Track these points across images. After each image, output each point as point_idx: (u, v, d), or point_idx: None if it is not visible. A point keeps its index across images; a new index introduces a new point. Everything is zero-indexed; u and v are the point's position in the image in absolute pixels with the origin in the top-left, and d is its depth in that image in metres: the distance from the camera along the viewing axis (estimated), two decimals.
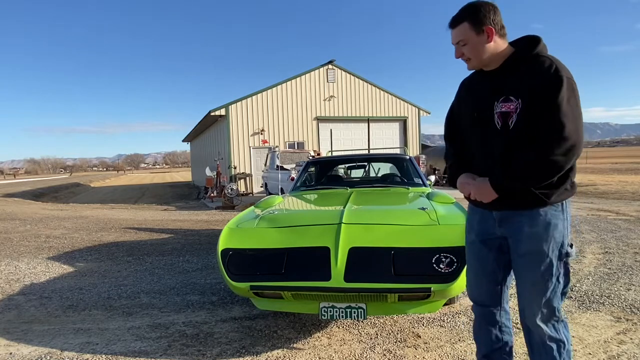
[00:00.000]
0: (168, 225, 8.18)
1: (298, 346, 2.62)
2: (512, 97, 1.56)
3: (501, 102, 1.58)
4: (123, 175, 79.03)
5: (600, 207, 8.56)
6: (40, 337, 2.89)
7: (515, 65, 1.60)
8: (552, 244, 1.58)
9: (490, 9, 1.59)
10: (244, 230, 2.85)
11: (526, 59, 1.58)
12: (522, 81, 1.55)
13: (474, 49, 1.62)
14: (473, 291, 1.87)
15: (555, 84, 1.47)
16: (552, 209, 1.59)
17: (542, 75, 1.51)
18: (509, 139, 1.58)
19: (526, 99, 1.53)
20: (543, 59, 1.54)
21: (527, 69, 1.56)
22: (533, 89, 1.51)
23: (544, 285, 1.59)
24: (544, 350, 1.64)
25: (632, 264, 4.20)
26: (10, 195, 20.06)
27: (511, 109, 1.56)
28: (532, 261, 1.60)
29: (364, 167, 5.97)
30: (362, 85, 18.86)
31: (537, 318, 1.62)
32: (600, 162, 34.08)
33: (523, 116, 1.54)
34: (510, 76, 1.60)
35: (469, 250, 1.85)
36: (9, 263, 5.16)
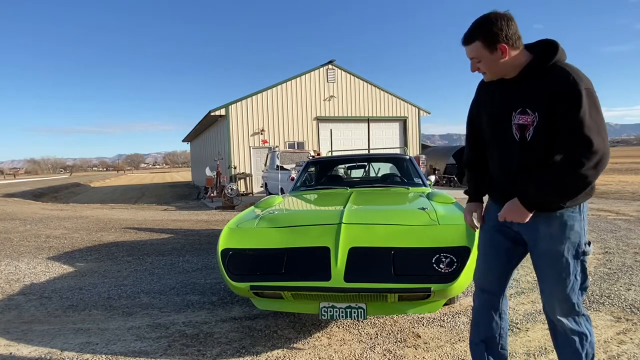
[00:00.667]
0: (168, 225, 8.18)
1: (298, 346, 2.62)
2: (529, 110, 1.56)
3: (518, 114, 1.59)
4: (123, 175, 79.04)
5: (600, 207, 8.56)
6: (40, 337, 2.89)
7: (532, 75, 1.58)
8: (567, 244, 1.62)
9: (503, 24, 1.55)
10: (244, 230, 2.85)
11: (543, 68, 1.56)
12: (539, 94, 1.54)
13: (488, 65, 1.62)
14: (481, 277, 1.92)
15: (575, 99, 1.45)
16: (569, 211, 1.62)
17: (560, 89, 1.49)
18: (526, 151, 1.60)
19: (543, 113, 1.53)
20: (560, 70, 1.52)
21: (545, 80, 1.54)
22: (551, 103, 1.50)
23: (562, 283, 1.64)
24: (567, 343, 1.71)
25: (632, 264, 4.20)
26: (10, 195, 20.06)
27: (528, 122, 1.57)
28: (550, 260, 1.66)
29: (364, 167, 5.97)
30: (362, 85, 18.87)
31: (557, 313, 1.69)
32: None
33: (540, 130, 1.55)
34: (528, 87, 1.59)
35: (483, 237, 1.89)
36: (9, 263, 5.16)
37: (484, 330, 1.91)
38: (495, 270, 1.85)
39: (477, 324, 1.94)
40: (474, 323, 1.96)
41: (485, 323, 1.90)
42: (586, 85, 1.47)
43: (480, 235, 1.93)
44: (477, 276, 1.95)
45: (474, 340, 1.95)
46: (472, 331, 1.96)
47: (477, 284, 1.95)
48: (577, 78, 1.48)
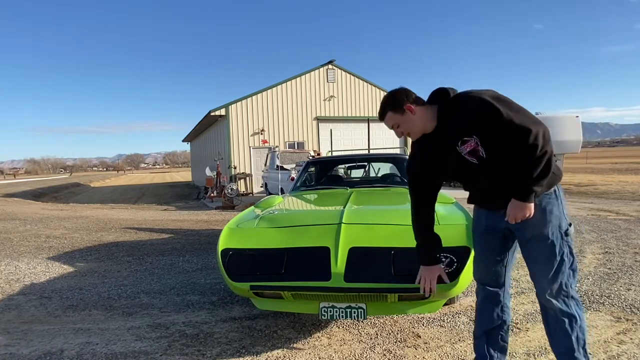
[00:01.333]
0: (168, 225, 8.18)
1: (298, 346, 2.62)
2: (467, 137, 1.75)
3: (462, 146, 1.78)
4: (123, 175, 79.05)
5: (600, 207, 8.56)
6: (40, 337, 2.89)
7: (447, 116, 1.80)
8: (550, 227, 1.78)
9: (402, 92, 1.87)
10: (244, 230, 2.85)
11: (450, 106, 1.80)
12: (462, 122, 1.75)
13: (406, 125, 1.87)
14: (481, 273, 2.04)
15: (491, 109, 1.66)
16: (547, 197, 1.79)
17: (476, 109, 1.70)
18: (490, 166, 1.77)
19: (478, 132, 1.72)
20: (464, 97, 1.77)
21: (459, 112, 1.76)
22: (478, 122, 1.71)
23: (549, 264, 1.79)
24: (558, 326, 1.82)
25: (632, 264, 4.20)
26: (10, 195, 20.06)
27: (473, 146, 1.75)
28: (537, 244, 1.81)
29: (364, 167, 5.97)
30: (362, 85, 18.87)
31: (546, 293, 1.82)
32: (600, 162, 34.08)
33: (486, 144, 1.74)
34: (451, 125, 1.79)
35: (478, 237, 2.03)
36: (9, 263, 5.16)
37: (485, 322, 2.01)
38: (492, 266, 1.98)
39: (480, 316, 2.04)
40: (477, 316, 2.07)
41: (487, 315, 2.01)
42: (489, 95, 1.70)
43: (475, 237, 2.06)
44: (477, 273, 2.08)
45: (476, 334, 2.06)
46: (476, 324, 2.07)
47: (477, 280, 2.08)
48: (479, 95, 1.72)
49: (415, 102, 1.85)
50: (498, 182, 1.80)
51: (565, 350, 1.81)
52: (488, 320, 2.00)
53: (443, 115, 1.81)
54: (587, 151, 51.04)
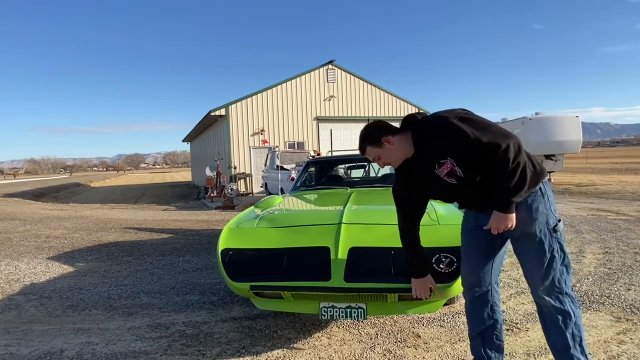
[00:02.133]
0: (168, 225, 8.18)
1: (298, 346, 2.62)
2: (442, 160, 1.78)
3: (439, 169, 1.80)
4: (123, 175, 79.04)
5: (600, 207, 8.56)
6: (40, 337, 2.89)
7: (421, 141, 1.84)
8: (536, 224, 1.80)
9: (377, 126, 1.94)
10: (244, 230, 2.85)
11: (421, 131, 1.84)
12: (435, 146, 1.79)
13: (386, 156, 1.92)
14: (468, 276, 2.02)
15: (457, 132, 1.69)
16: (532, 195, 1.80)
17: (442, 133, 1.74)
18: (470, 183, 1.80)
19: (451, 154, 1.75)
20: (431, 122, 1.82)
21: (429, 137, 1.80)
22: (446, 145, 1.75)
23: (539, 261, 1.81)
24: (553, 323, 1.84)
25: (632, 264, 4.20)
26: (10, 195, 20.06)
27: (450, 167, 1.78)
28: (526, 242, 1.84)
29: (364, 167, 5.97)
30: (362, 85, 18.87)
31: (539, 291, 1.83)
32: (600, 162, 34.08)
33: (462, 164, 1.76)
34: (425, 149, 1.84)
35: (466, 237, 2.03)
36: (9, 263, 5.16)
37: (477, 323, 2.02)
38: (480, 266, 1.97)
39: (471, 318, 2.05)
40: (467, 318, 2.08)
41: (478, 316, 2.01)
42: (455, 116, 1.73)
43: (464, 235, 2.06)
44: (464, 275, 2.05)
45: (470, 335, 2.06)
46: (469, 326, 2.08)
47: (464, 282, 2.06)
48: (445, 117, 1.74)
49: (391, 132, 1.90)
50: (481, 194, 1.84)
51: (562, 347, 1.81)
52: (479, 322, 2.01)
53: (416, 140, 1.86)
54: (587, 151, 51.06)
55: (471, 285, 2.01)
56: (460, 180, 1.80)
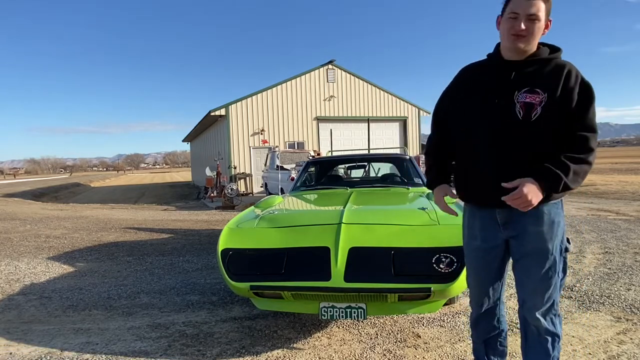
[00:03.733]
0: (168, 225, 8.18)
1: (298, 346, 2.62)
2: (539, 89, 1.57)
3: (525, 93, 1.58)
4: (123, 175, 79.03)
5: (600, 207, 8.56)
6: (40, 337, 2.89)
7: (541, 62, 1.61)
8: (555, 241, 1.64)
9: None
10: (244, 230, 2.85)
11: (551, 61, 1.61)
12: (552, 76, 1.57)
13: (538, 30, 1.57)
14: (476, 294, 1.89)
15: (589, 91, 1.56)
16: (554, 207, 1.64)
17: (575, 79, 1.56)
18: (528, 131, 1.58)
19: (554, 96, 1.55)
20: (570, 65, 1.59)
21: (554, 70, 1.58)
22: (565, 88, 1.55)
23: (547, 281, 1.65)
24: (539, 342, 1.71)
25: (632, 264, 4.20)
26: (10, 195, 20.06)
27: (536, 101, 1.56)
28: (538, 259, 1.64)
29: (364, 167, 5.97)
30: (362, 85, 18.86)
31: (537, 312, 1.68)
32: (600, 162, 34.06)
33: (547, 110, 1.55)
34: (536, 70, 1.60)
35: (474, 256, 1.83)
36: (9, 263, 5.16)
37: (482, 334, 1.95)
38: (489, 285, 1.83)
39: (476, 329, 1.97)
40: (472, 328, 1.99)
41: (484, 328, 1.93)
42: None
43: (469, 253, 1.87)
44: (472, 292, 1.92)
45: (474, 340, 2.01)
46: (473, 334, 2.01)
47: (472, 298, 1.93)
48: (584, 77, 1.57)
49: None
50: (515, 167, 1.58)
51: None
52: (485, 332, 1.93)
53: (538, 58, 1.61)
54: None
55: (480, 301, 1.88)
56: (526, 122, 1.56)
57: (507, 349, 2.01)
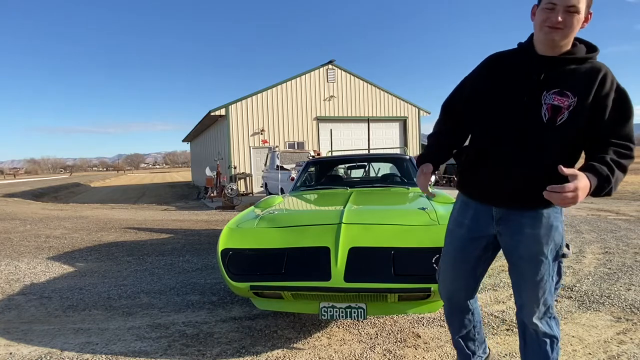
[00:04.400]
0: (168, 225, 8.18)
1: (298, 346, 2.62)
2: (569, 92, 1.47)
3: (553, 94, 1.48)
4: (123, 175, 79.03)
5: (600, 207, 8.56)
6: (40, 337, 2.89)
7: (575, 61, 1.50)
8: (552, 246, 1.59)
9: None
10: (244, 230, 2.85)
11: (586, 60, 1.50)
12: (582, 81, 1.47)
13: (576, 23, 1.45)
14: (448, 287, 1.84)
15: (627, 97, 1.48)
16: (554, 211, 1.59)
17: (611, 87, 1.47)
18: (553, 135, 1.49)
19: (585, 101, 1.46)
20: (606, 69, 1.49)
21: (587, 71, 1.48)
22: (600, 93, 1.46)
23: (542, 286, 1.61)
24: (537, 345, 1.69)
25: (632, 264, 4.20)
26: (10, 195, 20.06)
27: (564, 105, 1.47)
28: (532, 263, 1.61)
29: (364, 167, 5.97)
30: (362, 85, 18.87)
31: (534, 316, 1.65)
32: None
33: (575, 115, 1.47)
34: (569, 70, 1.49)
35: (454, 244, 1.78)
36: (9, 263, 5.16)
37: (457, 329, 1.93)
38: (462, 280, 1.79)
39: (451, 325, 1.96)
40: (448, 324, 1.99)
41: (458, 324, 1.91)
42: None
43: (450, 241, 1.81)
44: (443, 284, 1.86)
45: (453, 337, 1.99)
46: (450, 329, 1.99)
47: (442, 292, 1.87)
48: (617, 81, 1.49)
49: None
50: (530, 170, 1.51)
51: None
52: (460, 327, 1.91)
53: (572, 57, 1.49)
54: None
55: (450, 298, 1.86)
56: (550, 125, 1.48)
57: (484, 336, 2.01)
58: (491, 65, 1.67)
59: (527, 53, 1.57)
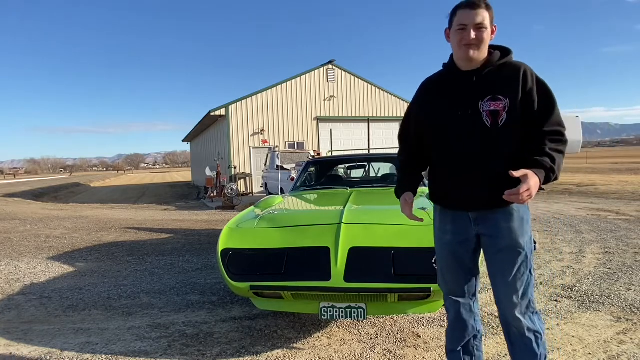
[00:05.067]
0: (168, 225, 8.18)
1: (298, 346, 2.62)
2: (501, 96, 1.63)
3: (488, 101, 1.64)
4: (123, 175, 79.03)
5: (600, 207, 8.56)
6: (40, 337, 2.89)
7: (497, 67, 1.67)
8: (526, 238, 1.69)
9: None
10: (244, 230, 2.85)
11: (505, 65, 1.67)
12: (508, 83, 1.63)
13: (487, 37, 1.64)
14: (452, 288, 1.89)
15: (546, 87, 1.63)
16: (522, 205, 1.68)
17: (532, 81, 1.62)
18: (497, 137, 1.64)
19: (516, 100, 1.61)
20: (524, 67, 1.65)
21: (509, 73, 1.65)
22: (525, 89, 1.61)
23: (520, 279, 1.69)
24: (523, 342, 1.72)
25: (632, 264, 4.20)
26: (10, 195, 20.06)
27: (500, 108, 1.62)
28: (510, 255, 1.68)
29: (364, 167, 5.97)
30: (362, 85, 18.87)
31: (515, 311, 1.70)
32: (600, 162, 34.08)
33: (512, 114, 1.62)
34: (494, 78, 1.66)
35: (445, 250, 1.86)
36: (9, 263, 5.16)
37: (461, 336, 1.90)
38: (462, 280, 1.86)
39: (455, 331, 1.91)
40: (450, 330, 1.94)
41: (463, 328, 1.89)
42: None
43: (440, 248, 1.89)
44: (447, 287, 1.91)
45: (450, 348, 1.93)
46: (448, 339, 1.94)
47: (448, 294, 1.91)
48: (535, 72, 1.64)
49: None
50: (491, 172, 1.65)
51: None
52: (463, 335, 1.89)
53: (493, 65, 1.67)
54: (587, 151, 51.04)
55: (457, 295, 1.88)
56: (494, 128, 1.63)
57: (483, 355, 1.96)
58: (428, 89, 1.86)
59: (452, 72, 1.75)
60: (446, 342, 1.96)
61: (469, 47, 1.63)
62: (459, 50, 1.67)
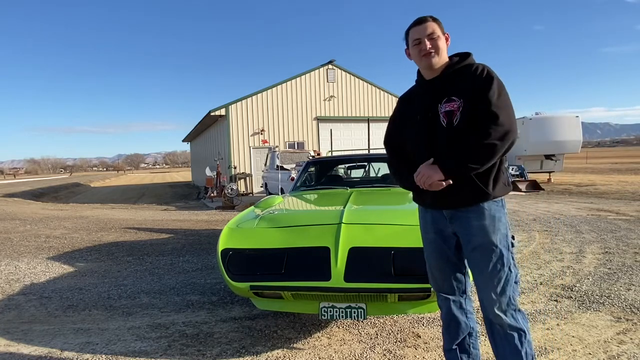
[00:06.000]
0: (168, 225, 8.18)
1: (298, 346, 2.62)
2: (455, 97, 1.74)
3: (445, 103, 1.75)
4: (123, 175, 79.01)
5: (600, 207, 8.56)
6: (40, 337, 2.89)
7: (454, 73, 1.79)
8: (499, 235, 1.73)
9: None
10: (244, 230, 2.85)
11: (462, 67, 1.79)
12: (462, 84, 1.74)
13: (442, 45, 1.80)
14: (441, 285, 1.95)
15: (487, 83, 1.68)
16: (494, 204, 1.75)
17: (477, 78, 1.71)
18: (452, 136, 1.73)
19: (467, 99, 1.71)
20: (476, 65, 1.76)
21: (465, 74, 1.76)
22: (472, 89, 1.70)
23: (497, 275, 1.72)
24: (506, 340, 1.75)
25: (632, 264, 4.20)
26: (11, 195, 20.06)
27: (454, 108, 1.72)
28: (484, 253, 1.73)
29: (364, 167, 5.97)
30: (362, 85, 18.87)
31: (495, 307, 1.73)
32: (600, 162, 34.08)
33: (465, 114, 1.70)
34: (451, 81, 1.78)
35: (431, 247, 1.94)
36: (9, 263, 5.16)
37: (455, 334, 1.93)
38: (450, 276, 1.91)
39: (449, 329, 1.95)
40: (444, 329, 1.98)
41: (457, 326, 1.93)
42: (496, 77, 1.70)
43: (427, 245, 1.96)
44: (436, 284, 1.97)
45: (446, 348, 1.97)
46: (444, 338, 1.99)
47: (439, 291, 1.97)
48: (489, 70, 1.72)
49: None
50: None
51: None
52: (458, 332, 1.93)
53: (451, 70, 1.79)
54: (587, 151, 51.04)
55: (447, 294, 1.92)
56: (449, 128, 1.72)
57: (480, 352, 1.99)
58: (403, 101, 2.04)
59: (419, 83, 1.93)
60: (443, 341, 2.00)
61: (428, 55, 1.79)
62: (420, 61, 1.83)
